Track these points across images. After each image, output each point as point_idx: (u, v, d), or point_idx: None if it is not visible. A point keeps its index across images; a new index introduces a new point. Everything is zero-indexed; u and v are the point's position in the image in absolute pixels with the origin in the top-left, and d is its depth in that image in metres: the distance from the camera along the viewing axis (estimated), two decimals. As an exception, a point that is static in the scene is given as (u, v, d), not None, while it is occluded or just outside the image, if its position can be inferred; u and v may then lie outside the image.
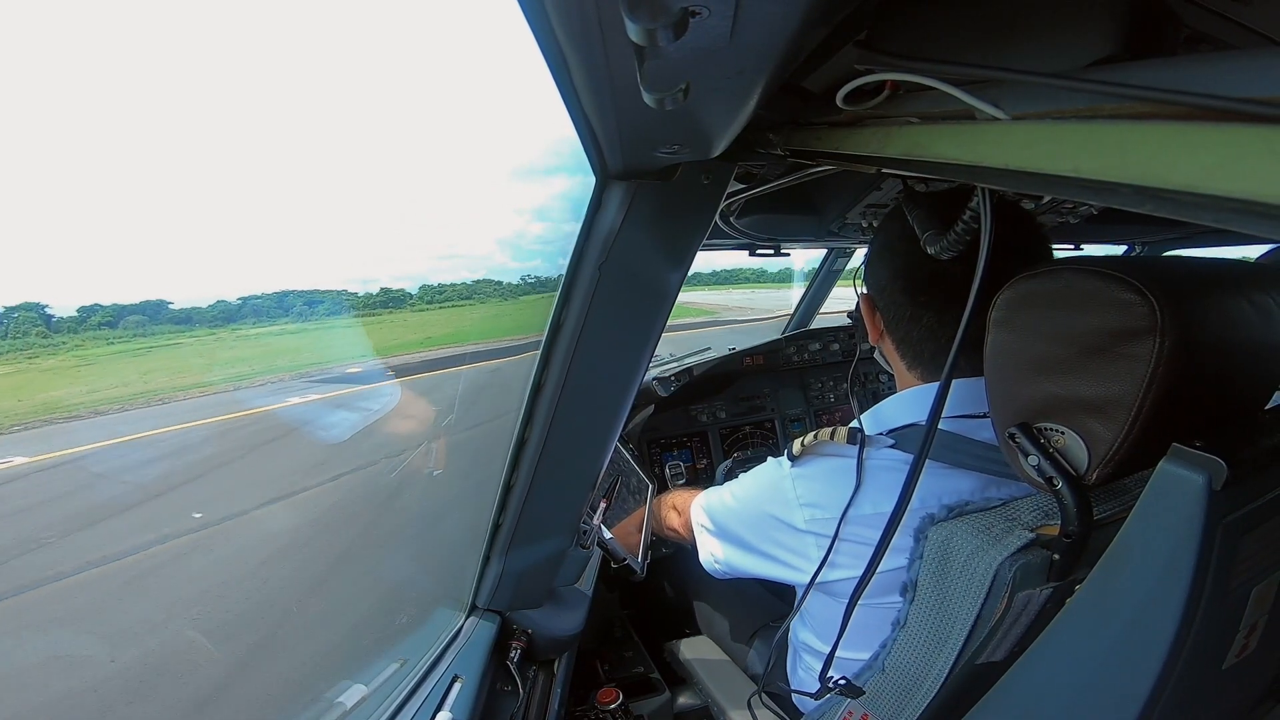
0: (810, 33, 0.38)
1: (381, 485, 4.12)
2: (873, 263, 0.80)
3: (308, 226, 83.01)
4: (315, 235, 77.66)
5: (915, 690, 0.64)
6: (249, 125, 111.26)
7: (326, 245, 71.65)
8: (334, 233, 76.99)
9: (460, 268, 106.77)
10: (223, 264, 56.05)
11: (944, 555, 0.60)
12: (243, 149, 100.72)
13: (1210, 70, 0.26)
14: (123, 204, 69.29)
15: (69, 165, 62.88)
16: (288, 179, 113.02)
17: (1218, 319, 0.50)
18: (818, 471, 0.76)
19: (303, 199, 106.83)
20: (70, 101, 72.16)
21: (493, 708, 0.88)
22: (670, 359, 2.04)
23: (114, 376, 10.70)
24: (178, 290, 55.28)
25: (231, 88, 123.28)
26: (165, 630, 2.55)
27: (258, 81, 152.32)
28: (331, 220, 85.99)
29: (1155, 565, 0.46)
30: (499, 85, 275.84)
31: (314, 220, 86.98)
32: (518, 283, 34.98)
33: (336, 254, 68.72)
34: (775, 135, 0.59)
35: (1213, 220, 0.27)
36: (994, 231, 0.52)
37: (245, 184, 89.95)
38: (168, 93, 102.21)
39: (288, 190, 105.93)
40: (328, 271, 63.30)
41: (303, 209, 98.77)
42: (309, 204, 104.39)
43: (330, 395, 7.79)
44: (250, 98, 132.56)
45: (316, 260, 67.54)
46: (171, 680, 2.23)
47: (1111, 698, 0.51)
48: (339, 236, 75.83)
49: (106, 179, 75.53)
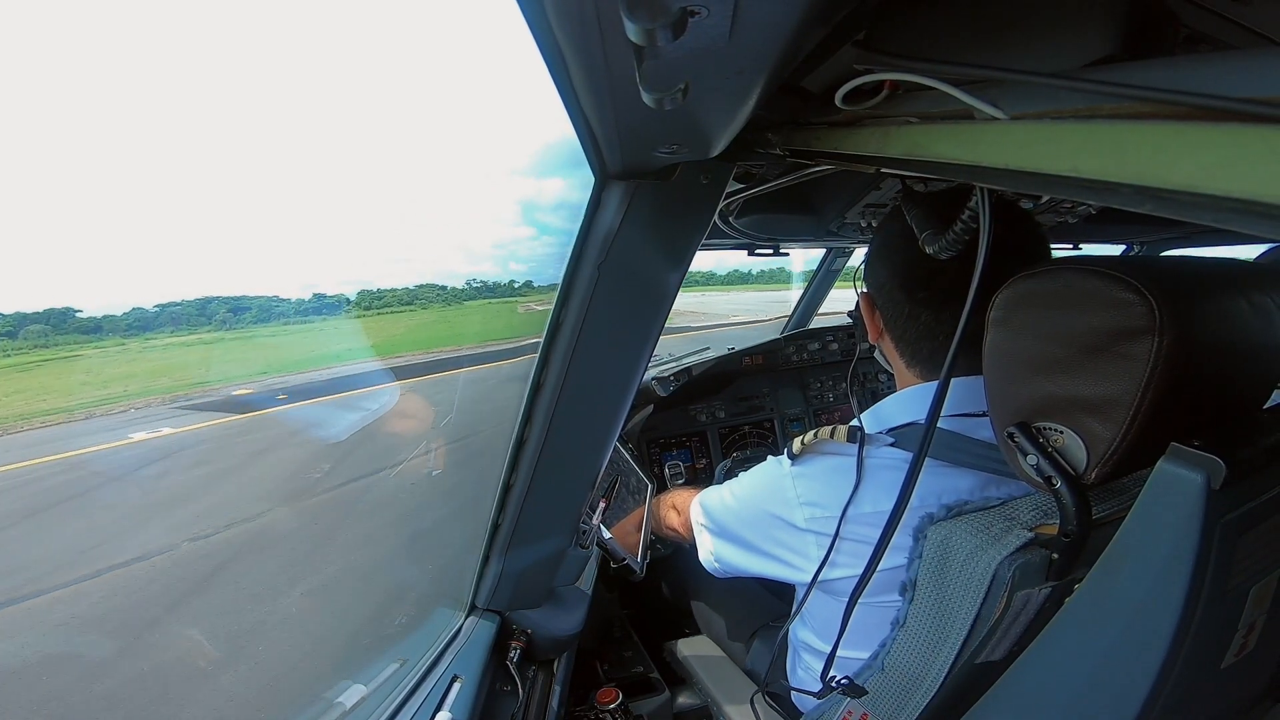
0: (809, 33, 0.38)
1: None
2: (872, 261, 0.81)
3: (264, 226, 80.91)
4: (263, 235, 75.67)
5: (915, 689, 0.64)
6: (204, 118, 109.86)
7: (270, 246, 69.68)
8: (277, 233, 74.78)
9: (411, 271, 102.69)
10: (151, 266, 53.51)
11: (943, 555, 0.60)
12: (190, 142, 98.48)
13: (1209, 70, 0.26)
14: (38, 201, 64.56)
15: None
16: (240, 175, 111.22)
17: (1216, 318, 0.50)
18: (818, 470, 0.76)
19: (265, 197, 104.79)
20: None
21: (492, 708, 0.88)
22: (669, 359, 2.04)
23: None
24: (90, 297, 52.30)
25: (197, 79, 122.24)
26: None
27: (214, 74, 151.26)
28: (282, 220, 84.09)
29: (1154, 564, 0.47)
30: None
31: (268, 219, 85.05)
32: (463, 288, 33.97)
33: (279, 256, 66.67)
34: (774, 135, 0.59)
35: (1212, 220, 0.27)
36: (992, 231, 0.52)
37: (189, 178, 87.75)
38: (96, 79, 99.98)
39: (242, 187, 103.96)
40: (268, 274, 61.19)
41: (264, 207, 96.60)
42: (271, 203, 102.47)
43: (191, 428, 6.31)
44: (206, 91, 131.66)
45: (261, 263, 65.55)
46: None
47: (1111, 696, 0.51)
48: (284, 237, 73.81)
49: (23, 174, 70.17)
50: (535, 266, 67.60)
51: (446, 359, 7.58)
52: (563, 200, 21.17)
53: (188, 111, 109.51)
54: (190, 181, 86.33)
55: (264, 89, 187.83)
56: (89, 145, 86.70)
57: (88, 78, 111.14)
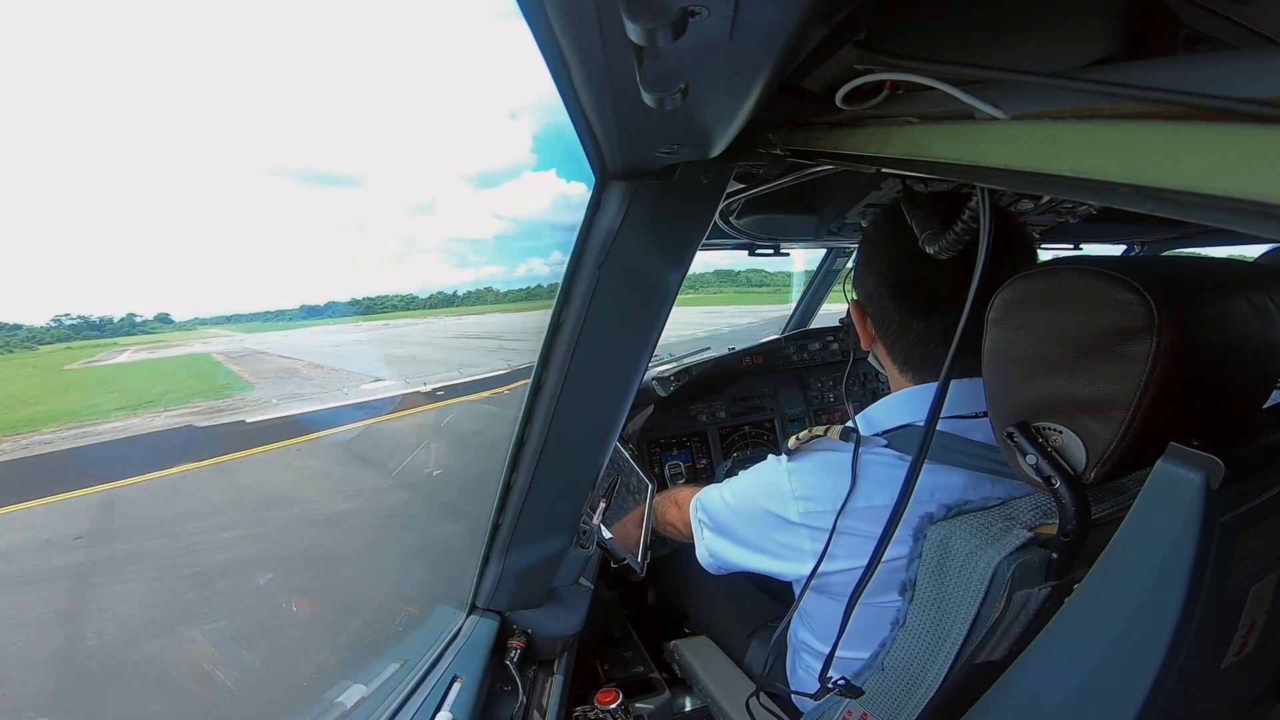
0: (809, 33, 0.38)
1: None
2: (860, 270, 0.81)
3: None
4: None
5: (914, 689, 0.64)
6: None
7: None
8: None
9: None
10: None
11: (943, 554, 0.60)
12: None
13: (1209, 70, 0.26)
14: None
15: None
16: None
17: (1215, 318, 0.50)
18: (812, 465, 0.76)
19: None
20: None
21: (492, 708, 0.88)
22: (669, 359, 2.04)
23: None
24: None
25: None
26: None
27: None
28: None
29: (1153, 564, 0.47)
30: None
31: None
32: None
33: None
34: (774, 135, 0.59)
35: (1211, 220, 0.27)
36: (993, 231, 0.52)
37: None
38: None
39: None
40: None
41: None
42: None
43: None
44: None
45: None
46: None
47: (1110, 696, 0.51)
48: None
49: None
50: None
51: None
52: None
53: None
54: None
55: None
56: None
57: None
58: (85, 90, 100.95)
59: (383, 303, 44.94)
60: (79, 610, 3.09)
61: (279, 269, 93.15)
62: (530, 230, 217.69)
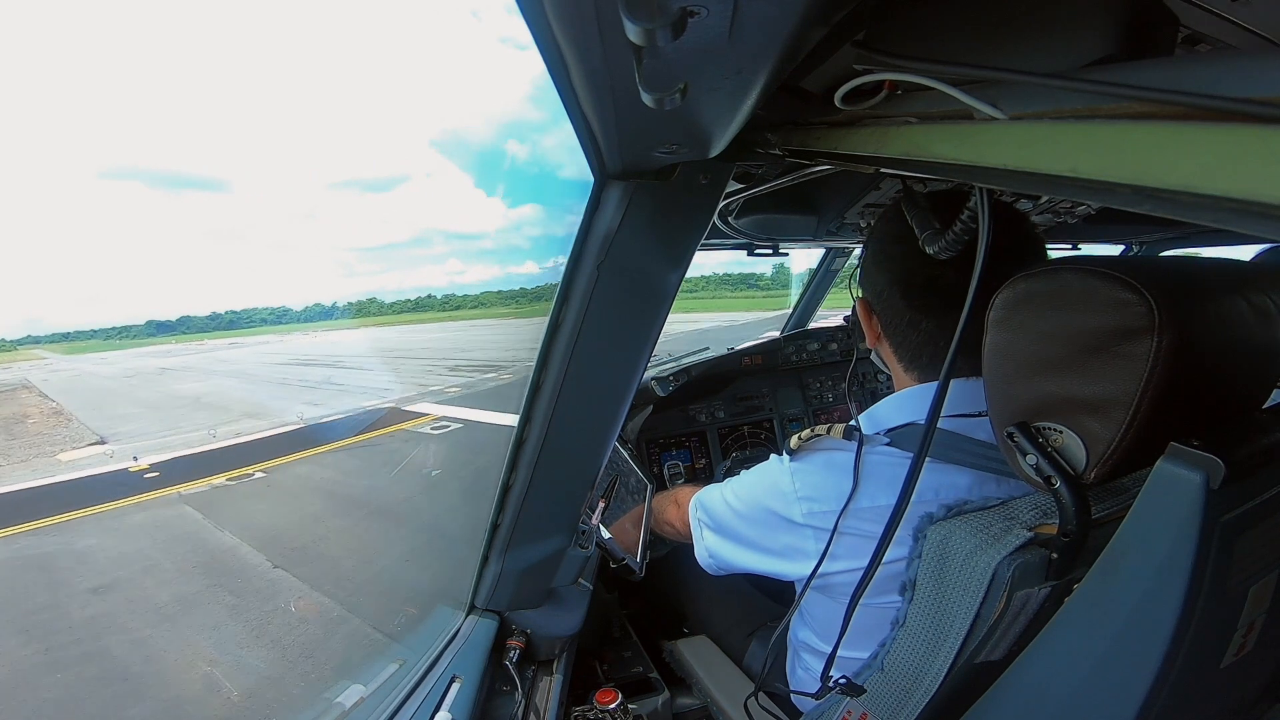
0: (808, 33, 0.38)
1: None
2: (868, 268, 0.81)
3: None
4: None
5: (914, 689, 0.64)
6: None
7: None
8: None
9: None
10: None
11: (943, 554, 0.60)
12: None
13: (1208, 70, 0.26)
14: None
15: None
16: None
17: (1215, 318, 0.50)
18: (815, 465, 0.76)
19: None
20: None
21: (491, 708, 0.88)
22: (669, 359, 2.04)
23: None
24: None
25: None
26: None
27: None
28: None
29: (1153, 564, 0.47)
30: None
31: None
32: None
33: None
34: (773, 135, 0.59)
35: (1210, 220, 0.27)
36: (992, 231, 0.52)
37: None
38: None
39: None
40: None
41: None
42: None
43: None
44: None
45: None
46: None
47: (1110, 696, 0.51)
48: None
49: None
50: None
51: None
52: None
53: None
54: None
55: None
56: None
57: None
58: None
59: (249, 317, 43.48)
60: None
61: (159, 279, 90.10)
62: (421, 239, 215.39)
